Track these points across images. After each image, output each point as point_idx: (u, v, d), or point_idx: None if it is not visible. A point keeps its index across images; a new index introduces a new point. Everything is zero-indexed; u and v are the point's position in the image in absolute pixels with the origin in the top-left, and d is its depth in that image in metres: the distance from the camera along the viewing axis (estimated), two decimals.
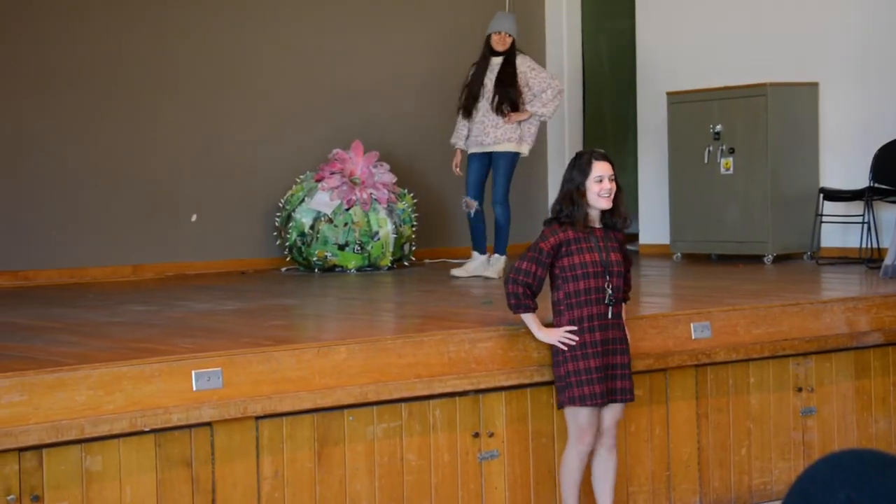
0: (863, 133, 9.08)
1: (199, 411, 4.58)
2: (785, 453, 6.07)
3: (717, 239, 9.45)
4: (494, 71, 8.17)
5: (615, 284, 5.07)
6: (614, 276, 5.05)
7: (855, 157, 9.06)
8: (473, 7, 10.90)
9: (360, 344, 5.00)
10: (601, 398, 5.02)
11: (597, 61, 11.28)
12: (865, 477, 1.35)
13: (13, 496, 4.28)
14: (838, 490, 1.35)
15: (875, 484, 1.34)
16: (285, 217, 9.41)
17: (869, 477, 1.34)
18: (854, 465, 1.37)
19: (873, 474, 1.34)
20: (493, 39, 8.23)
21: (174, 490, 4.60)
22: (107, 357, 4.72)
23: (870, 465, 1.35)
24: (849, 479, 1.35)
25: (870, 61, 9.08)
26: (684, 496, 5.79)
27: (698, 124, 9.50)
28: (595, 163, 5.04)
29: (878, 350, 6.35)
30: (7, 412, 4.23)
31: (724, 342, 5.84)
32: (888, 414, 6.41)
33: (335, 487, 4.94)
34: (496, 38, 8.22)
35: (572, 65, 11.25)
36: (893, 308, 6.43)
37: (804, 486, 1.39)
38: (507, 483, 5.33)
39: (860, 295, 6.57)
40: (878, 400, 6.37)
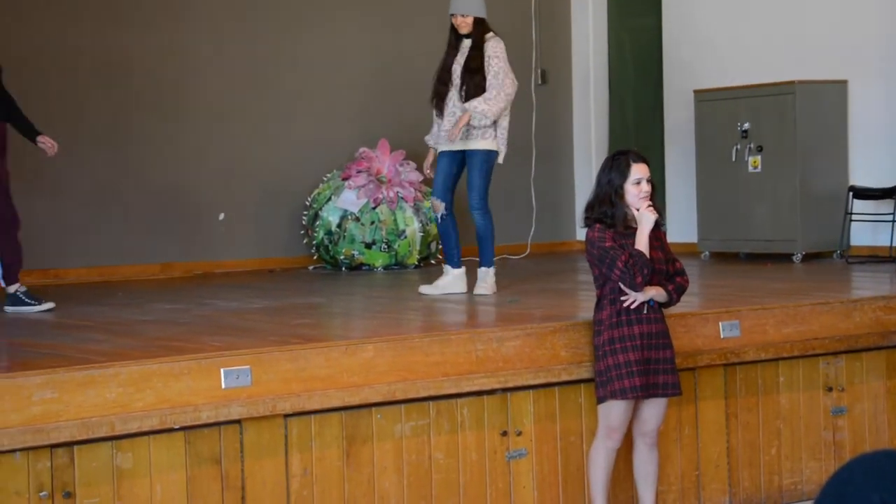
0: (892, 130, 9.03)
1: (229, 409, 4.60)
2: (815, 453, 6.04)
3: (745, 238, 9.42)
4: (464, 55, 7.19)
5: (655, 282, 5.06)
6: (655, 273, 5.04)
7: (884, 155, 9.02)
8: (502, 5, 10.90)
9: (387, 342, 5.01)
10: (641, 391, 5.02)
11: (621, 60, 11.25)
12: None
13: (45, 492, 4.31)
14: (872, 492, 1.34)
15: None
16: (312, 215, 9.44)
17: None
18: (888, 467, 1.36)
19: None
20: (454, 22, 7.21)
21: (204, 487, 4.62)
22: (136, 355, 4.75)
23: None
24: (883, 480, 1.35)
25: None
26: (714, 496, 5.77)
27: (726, 122, 9.47)
28: (634, 165, 5.02)
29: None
30: (39, 409, 4.26)
31: (753, 341, 5.82)
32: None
33: (363, 485, 4.95)
34: (455, 20, 7.20)
35: (598, 63, 11.23)
36: None
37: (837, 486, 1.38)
38: (535, 482, 5.33)
39: (891, 294, 6.53)
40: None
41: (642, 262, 4.95)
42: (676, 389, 5.16)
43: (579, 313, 5.76)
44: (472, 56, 7.11)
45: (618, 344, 5.03)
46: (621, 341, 5.03)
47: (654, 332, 5.08)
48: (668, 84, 10.52)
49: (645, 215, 5.00)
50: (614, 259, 4.95)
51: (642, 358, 5.03)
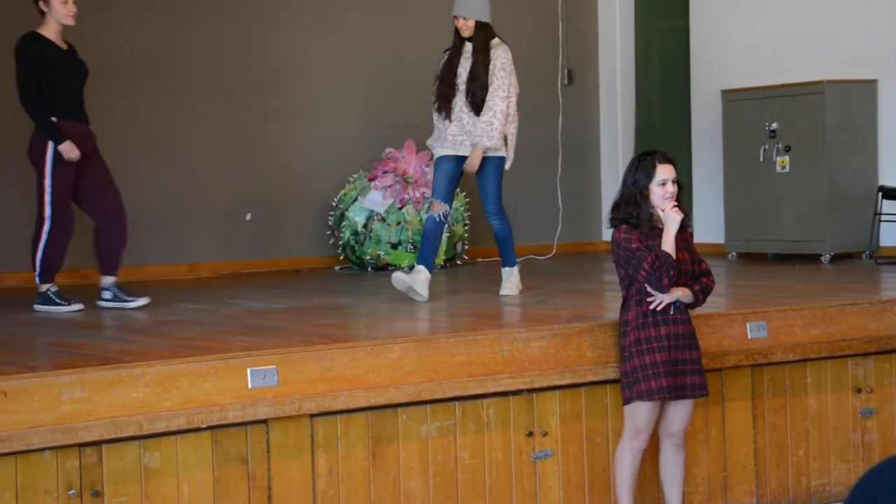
0: None
1: (255, 409, 4.61)
2: (844, 455, 6.02)
3: (773, 238, 9.40)
4: (469, 60, 7.00)
5: (681, 283, 5.06)
6: (681, 274, 5.04)
7: None
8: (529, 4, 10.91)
9: (413, 343, 5.02)
10: (668, 392, 5.02)
11: (648, 60, 11.24)
12: None
13: (74, 491, 4.34)
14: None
15: None
16: (339, 216, 9.46)
17: None
18: None
19: None
20: (456, 24, 7.03)
21: (231, 486, 4.64)
22: (164, 354, 4.78)
23: None
24: None
25: None
26: (741, 497, 5.76)
27: (753, 122, 9.45)
28: (660, 166, 5.02)
29: None
30: (68, 409, 4.29)
31: (780, 342, 5.81)
32: None
33: (389, 485, 4.96)
34: (458, 23, 7.01)
35: (625, 63, 11.23)
36: None
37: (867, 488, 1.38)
38: (561, 482, 5.33)
39: None
40: None
41: (669, 264, 4.95)
42: (703, 390, 5.16)
43: (605, 314, 5.76)
44: (478, 62, 6.95)
45: (644, 345, 5.04)
46: (648, 342, 5.03)
47: (680, 333, 5.08)
48: (696, 84, 10.50)
49: (671, 216, 5.00)
50: (640, 260, 4.95)
51: (669, 359, 5.03)
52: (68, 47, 6.73)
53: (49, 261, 6.67)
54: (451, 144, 7.00)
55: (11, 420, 4.19)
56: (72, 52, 6.75)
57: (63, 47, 6.68)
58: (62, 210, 6.61)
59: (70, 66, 6.68)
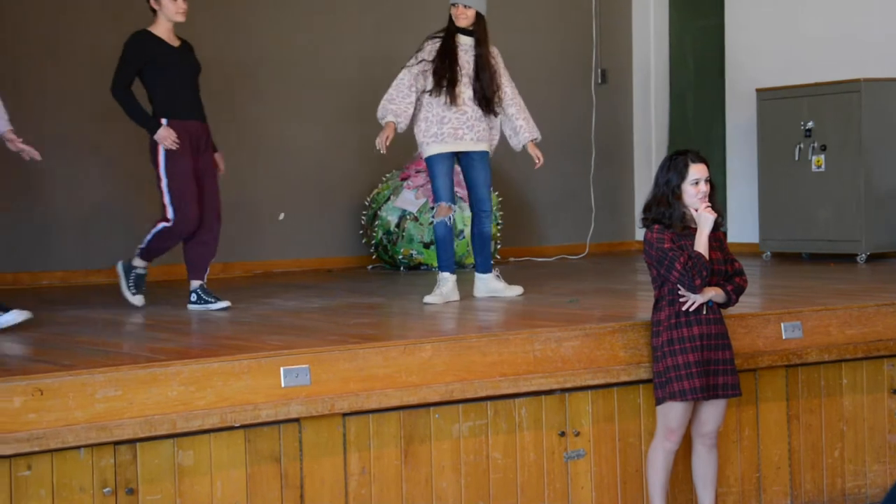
0: None
1: (288, 408, 4.63)
2: (880, 456, 6.00)
3: (807, 238, 9.37)
4: (469, 54, 6.79)
5: (714, 282, 5.05)
6: (713, 273, 5.03)
7: None
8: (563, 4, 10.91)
9: (445, 342, 5.03)
10: (701, 392, 5.02)
11: (682, 59, 11.23)
12: None
13: (109, 489, 4.37)
14: None
15: None
16: (371, 215, 9.49)
17: None
18: None
19: None
20: (453, 13, 6.80)
21: (263, 485, 4.67)
22: (197, 353, 4.81)
23: None
24: None
25: None
26: (775, 498, 5.75)
27: (789, 121, 9.42)
28: (692, 165, 5.01)
29: None
30: (103, 407, 4.32)
31: (815, 342, 5.79)
32: None
33: (422, 484, 4.97)
34: (456, 11, 6.79)
35: (658, 63, 11.22)
36: None
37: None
38: (593, 483, 5.33)
39: None
40: None
41: (701, 265, 4.95)
42: (736, 390, 5.15)
43: (638, 314, 5.76)
44: (485, 56, 6.81)
45: (677, 345, 5.03)
46: (681, 342, 5.03)
47: (713, 333, 5.07)
48: (730, 83, 10.48)
49: (704, 216, 4.99)
50: (673, 261, 4.95)
51: (702, 359, 5.03)
52: (181, 44, 6.69)
53: (154, 249, 6.68)
54: (451, 139, 6.81)
55: (47, 418, 4.22)
56: (184, 48, 6.70)
57: (174, 44, 6.63)
58: (184, 211, 6.54)
59: (180, 62, 6.63)
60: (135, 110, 6.54)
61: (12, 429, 4.17)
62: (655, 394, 5.15)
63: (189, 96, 6.67)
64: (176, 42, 6.67)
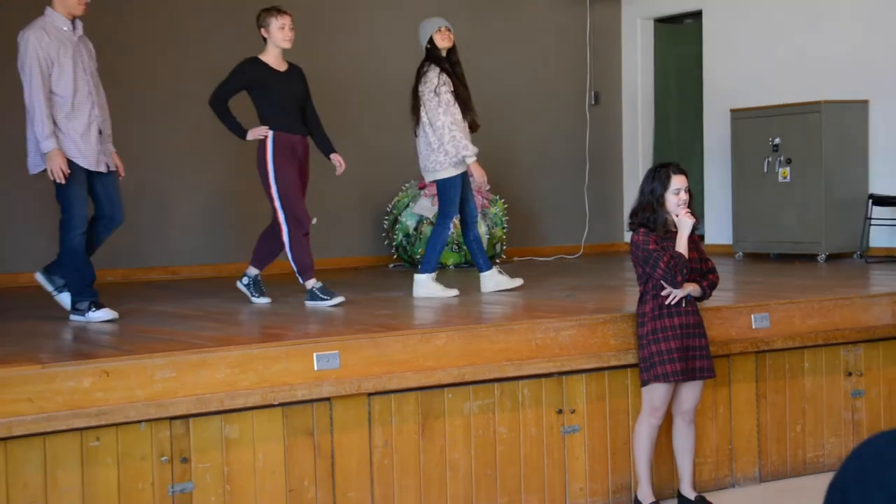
0: None
1: (320, 388, 4.66)
2: (836, 430, 6.00)
3: (775, 239, 9.36)
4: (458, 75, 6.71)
5: (692, 279, 5.07)
6: (691, 271, 5.05)
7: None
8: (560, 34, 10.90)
9: (457, 331, 5.05)
10: (681, 375, 5.04)
11: (665, 83, 11.22)
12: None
13: (166, 458, 4.40)
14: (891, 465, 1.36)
15: None
16: (392, 220, 9.52)
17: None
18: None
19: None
20: (440, 37, 6.67)
21: (299, 455, 4.69)
22: (242, 341, 4.83)
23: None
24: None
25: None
26: (745, 467, 5.76)
27: (758, 138, 9.41)
28: (674, 177, 5.02)
29: None
30: (160, 387, 4.35)
31: (781, 332, 5.79)
32: None
33: (436, 455, 4.99)
34: (443, 34, 6.68)
35: (645, 86, 11.21)
36: None
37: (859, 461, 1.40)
38: (587, 454, 5.34)
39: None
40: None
41: (682, 263, 4.97)
42: (711, 373, 5.16)
43: (626, 306, 5.76)
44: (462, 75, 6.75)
45: (660, 333, 5.05)
46: (663, 331, 5.05)
47: (691, 323, 5.09)
48: (708, 104, 10.47)
49: (683, 221, 5.01)
50: (657, 260, 4.97)
51: (681, 346, 5.05)
52: (288, 68, 6.59)
53: (300, 260, 6.47)
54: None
55: (112, 396, 4.26)
56: (291, 72, 6.59)
57: (281, 69, 6.53)
58: (294, 211, 6.42)
59: (286, 85, 6.52)
60: (225, 118, 6.48)
61: (83, 405, 4.20)
62: (641, 376, 5.16)
63: (292, 114, 6.53)
64: (283, 67, 6.57)
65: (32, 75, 5.56)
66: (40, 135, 5.57)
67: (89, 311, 5.77)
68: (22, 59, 5.61)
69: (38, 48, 5.58)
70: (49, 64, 5.61)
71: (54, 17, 5.71)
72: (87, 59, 5.81)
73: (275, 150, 6.42)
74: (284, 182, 6.42)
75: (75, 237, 5.73)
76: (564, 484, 5.30)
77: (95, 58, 5.94)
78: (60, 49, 5.65)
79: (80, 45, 5.79)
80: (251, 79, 6.49)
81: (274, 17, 6.46)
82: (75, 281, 5.80)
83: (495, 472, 5.12)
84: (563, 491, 5.29)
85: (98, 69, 5.93)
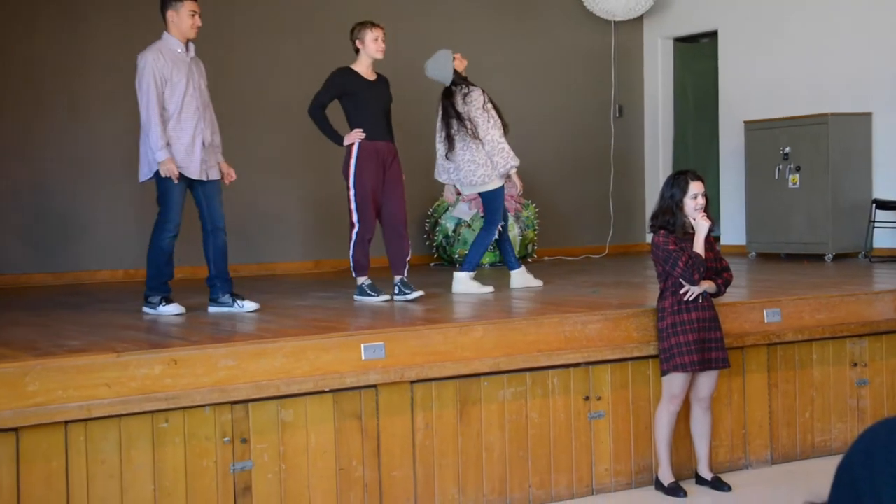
0: None
1: (367, 376, 4.65)
2: (842, 417, 5.94)
3: (785, 241, 9.28)
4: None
5: (708, 277, 5.03)
6: (707, 269, 5.02)
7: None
8: (587, 53, 10.86)
9: (493, 324, 5.04)
10: (698, 366, 5.01)
11: (684, 97, 11.15)
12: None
13: (228, 438, 4.42)
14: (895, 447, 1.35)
15: None
16: (433, 223, 9.53)
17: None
18: None
19: None
20: (458, 63, 6.77)
21: (348, 437, 4.70)
22: (296, 332, 4.83)
23: None
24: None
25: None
26: (757, 450, 5.71)
27: (770, 147, 9.34)
28: (692, 182, 5.00)
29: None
30: (223, 374, 4.37)
31: (791, 326, 5.74)
32: None
33: (473, 438, 4.99)
34: (459, 58, 6.79)
35: (665, 100, 11.16)
36: None
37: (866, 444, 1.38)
38: (611, 437, 5.32)
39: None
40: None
41: (699, 263, 4.93)
42: (726, 363, 5.12)
43: (648, 302, 5.73)
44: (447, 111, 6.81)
45: (679, 327, 5.02)
46: (682, 325, 5.01)
47: (707, 318, 5.05)
48: (723, 116, 10.41)
49: (700, 224, 4.97)
50: (676, 259, 4.93)
51: (698, 338, 5.01)
52: (377, 78, 6.52)
53: (358, 259, 6.40)
54: None
55: (180, 382, 4.29)
56: (380, 82, 6.52)
57: (371, 79, 6.47)
58: (365, 214, 6.34)
59: (374, 93, 6.45)
60: (323, 126, 6.41)
61: (154, 390, 4.23)
62: (661, 367, 5.13)
63: (379, 120, 6.45)
64: (373, 76, 6.49)
65: (149, 93, 5.63)
66: (155, 146, 5.62)
67: (160, 305, 5.81)
68: (139, 78, 5.67)
69: (154, 68, 5.64)
70: (163, 82, 5.67)
71: (170, 40, 5.77)
72: (198, 78, 5.85)
73: (359, 156, 6.35)
74: (362, 189, 6.34)
75: (165, 238, 5.77)
76: (591, 465, 5.27)
77: (206, 76, 5.97)
78: (174, 69, 5.70)
79: (193, 65, 5.83)
80: (343, 87, 6.41)
81: (369, 30, 6.40)
82: (153, 276, 5.84)
83: (527, 453, 5.11)
84: (589, 472, 5.27)
85: (208, 86, 5.98)
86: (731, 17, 10.29)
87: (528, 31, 10.50)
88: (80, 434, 4.15)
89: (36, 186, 8.58)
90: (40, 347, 4.51)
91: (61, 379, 4.07)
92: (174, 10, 5.78)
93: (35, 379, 4.03)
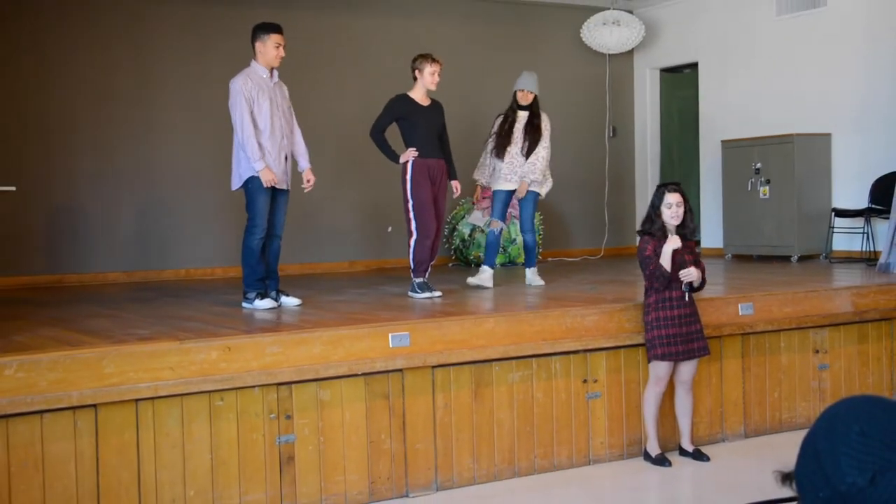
0: (863, 169, 8.77)
1: (394, 361, 4.66)
2: (806, 396, 5.89)
3: (757, 244, 9.23)
4: (522, 122, 6.83)
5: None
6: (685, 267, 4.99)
7: (858, 186, 8.77)
8: (584, 81, 10.83)
9: (503, 316, 5.04)
10: (679, 356, 5.00)
11: (670, 119, 11.11)
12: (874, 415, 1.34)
13: (274, 415, 4.43)
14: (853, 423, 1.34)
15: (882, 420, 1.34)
16: (451, 228, 9.51)
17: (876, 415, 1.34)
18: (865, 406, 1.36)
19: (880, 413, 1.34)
20: (518, 96, 6.87)
21: (377, 414, 4.70)
22: (333, 323, 4.83)
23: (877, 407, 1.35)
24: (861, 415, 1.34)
25: (867, 117, 8.75)
26: (733, 426, 5.67)
27: (744, 163, 9.29)
28: (668, 194, 4.99)
29: (875, 324, 6.12)
30: (269, 359, 4.38)
31: (762, 318, 5.71)
32: (881, 370, 6.17)
33: (486, 415, 4.98)
34: (521, 94, 6.86)
35: (653, 122, 11.12)
36: (886, 293, 6.19)
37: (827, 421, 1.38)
38: (606, 414, 5.30)
39: (862, 284, 6.34)
40: (874, 359, 6.14)
41: (659, 274, 4.93)
42: (706, 351, 5.10)
43: (638, 298, 5.71)
44: (535, 124, 6.82)
45: (662, 321, 4.99)
46: (665, 319, 4.99)
47: (687, 313, 5.03)
48: (703, 136, 10.37)
49: (669, 240, 4.97)
50: (647, 265, 4.95)
51: (680, 332, 4.99)
52: (431, 103, 6.44)
53: (418, 259, 6.30)
54: (504, 180, 6.83)
55: (234, 366, 4.30)
56: (433, 106, 6.44)
57: (425, 104, 6.40)
58: (423, 220, 6.26)
59: (427, 117, 6.38)
60: (383, 147, 6.33)
61: (211, 373, 4.25)
62: (648, 354, 5.11)
63: (432, 141, 6.38)
64: (427, 102, 6.42)
65: (243, 112, 5.61)
66: (252, 158, 5.59)
67: (255, 300, 5.77)
68: (232, 100, 5.65)
69: (244, 90, 5.63)
70: (251, 102, 5.65)
71: (257, 67, 5.76)
72: (281, 100, 5.83)
73: (413, 172, 6.29)
74: (419, 199, 6.28)
75: (255, 240, 5.72)
76: (588, 439, 5.25)
77: (289, 98, 5.96)
78: (259, 92, 5.68)
79: (276, 89, 5.81)
80: (400, 112, 6.36)
81: (429, 64, 6.32)
82: (248, 274, 5.77)
83: (533, 429, 5.10)
84: (587, 444, 5.25)
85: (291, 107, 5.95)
86: (710, 51, 10.25)
87: (533, 64, 10.47)
88: (149, 410, 4.16)
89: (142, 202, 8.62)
90: (114, 336, 4.53)
91: (132, 363, 4.10)
92: (261, 41, 5.75)
93: (111, 362, 4.06)
